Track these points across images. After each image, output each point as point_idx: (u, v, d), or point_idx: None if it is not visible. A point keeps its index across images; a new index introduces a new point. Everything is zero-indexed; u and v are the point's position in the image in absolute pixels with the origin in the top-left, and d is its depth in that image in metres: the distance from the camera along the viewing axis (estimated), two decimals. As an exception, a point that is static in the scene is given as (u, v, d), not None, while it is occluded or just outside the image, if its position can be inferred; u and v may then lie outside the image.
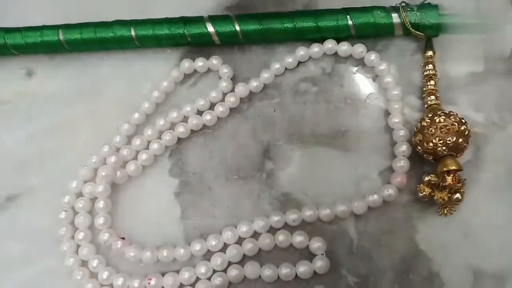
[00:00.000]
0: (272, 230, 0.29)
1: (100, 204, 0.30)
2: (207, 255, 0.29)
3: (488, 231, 0.28)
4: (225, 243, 0.29)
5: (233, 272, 0.28)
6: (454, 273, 0.28)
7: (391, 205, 0.29)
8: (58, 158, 0.32)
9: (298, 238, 0.28)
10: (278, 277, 0.28)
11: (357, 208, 0.29)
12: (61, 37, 0.32)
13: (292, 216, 0.29)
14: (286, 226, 0.29)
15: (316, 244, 0.28)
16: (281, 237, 0.29)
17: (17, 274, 0.30)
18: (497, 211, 0.29)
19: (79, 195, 0.30)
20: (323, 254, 0.28)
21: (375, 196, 0.29)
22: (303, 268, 0.28)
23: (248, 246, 0.28)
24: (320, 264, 0.28)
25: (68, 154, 0.32)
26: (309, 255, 0.28)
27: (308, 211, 0.29)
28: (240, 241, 0.29)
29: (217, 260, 0.28)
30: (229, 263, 0.29)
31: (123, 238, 0.29)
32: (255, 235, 0.29)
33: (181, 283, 0.28)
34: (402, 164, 0.29)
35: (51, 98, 0.33)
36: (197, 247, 0.29)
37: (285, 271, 0.28)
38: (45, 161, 0.32)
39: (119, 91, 0.33)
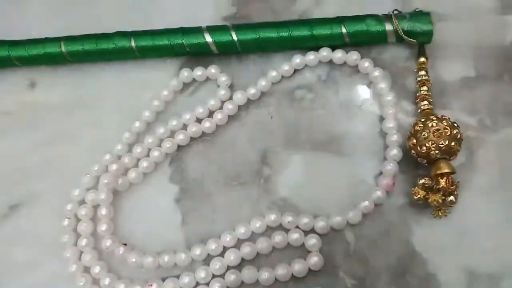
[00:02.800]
0: (269, 231, 0.30)
1: (103, 211, 0.30)
2: (208, 260, 0.29)
3: (482, 232, 0.29)
4: (224, 247, 0.30)
5: (231, 277, 0.29)
6: (449, 274, 0.28)
7: (387, 208, 0.30)
8: (60, 167, 0.32)
9: (295, 236, 0.29)
10: (276, 279, 0.29)
11: (353, 218, 0.29)
12: (63, 49, 0.33)
13: (287, 219, 0.29)
14: (283, 228, 0.30)
15: (312, 241, 0.29)
16: (277, 237, 0.29)
17: (21, 280, 0.30)
18: (490, 213, 0.29)
19: (82, 202, 0.31)
20: (317, 251, 0.29)
21: (366, 203, 0.29)
22: (298, 266, 0.28)
23: (246, 250, 0.29)
24: (314, 260, 0.28)
25: (71, 163, 0.32)
26: (305, 254, 0.29)
27: (305, 219, 0.29)
28: (238, 244, 0.29)
29: (216, 265, 0.29)
30: (228, 267, 0.29)
31: (125, 244, 0.30)
32: (253, 236, 0.30)
33: (181, 288, 0.29)
34: (390, 167, 0.30)
35: (54, 108, 0.34)
36: (197, 251, 0.29)
37: (281, 272, 0.28)
38: (48, 169, 0.32)
39: (120, 101, 0.34)
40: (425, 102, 0.30)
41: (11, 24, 0.36)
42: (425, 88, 0.31)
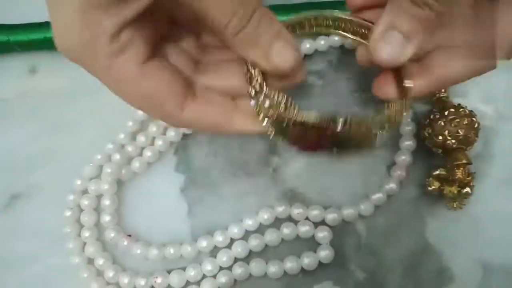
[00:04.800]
0: (277, 223, 0.29)
1: (106, 201, 0.29)
2: (214, 252, 0.29)
3: (498, 225, 0.28)
4: (231, 239, 0.29)
5: (238, 270, 0.28)
6: (463, 267, 0.28)
7: (400, 200, 0.29)
8: (62, 156, 0.31)
9: (304, 228, 0.28)
10: (285, 272, 0.28)
11: (365, 210, 0.28)
12: (64, 33, 0.32)
13: (297, 210, 0.28)
14: (292, 220, 0.29)
15: (322, 233, 0.28)
16: (286, 229, 0.28)
17: (23, 272, 0.30)
18: (506, 204, 0.29)
19: (85, 192, 0.30)
20: (327, 244, 0.28)
21: (379, 194, 0.28)
22: (307, 259, 0.28)
23: (255, 242, 0.28)
24: (324, 253, 0.28)
25: (73, 152, 0.31)
26: (315, 246, 0.28)
27: (315, 210, 0.29)
28: (246, 235, 0.29)
29: (223, 257, 0.28)
30: (235, 260, 0.28)
31: (129, 236, 0.29)
32: (261, 227, 0.29)
33: (187, 281, 0.28)
34: (404, 157, 0.29)
35: (55, 95, 0.33)
36: (203, 243, 0.28)
37: (290, 264, 0.28)
38: (50, 158, 0.32)
39: (123, 87, 0.33)
40: (441, 90, 0.29)
41: (10, 8, 0.35)
42: (440, 75, 0.30)
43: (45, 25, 0.32)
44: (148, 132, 0.31)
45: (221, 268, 0.28)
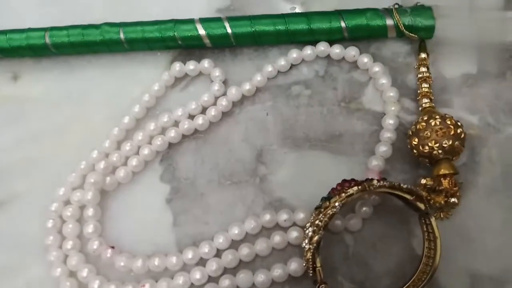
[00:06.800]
0: (264, 232, 0.29)
1: (89, 211, 0.29)
2: (200, 263, 0.28)
3: (485, 234, 0.28)
4: (218, 249, 0.28)
5: (225, 283, 0.27)
6: (451, 277, 0.28)
7: (387, 210, 0.29)
8: (45, 164, 0.31)
9: (294, 234, 0.28)
10: (273, 281, 0.27)
11: (353, 226, 0.28)
12: (48, 40, 0.31)
13: (283, 217, 0.28)
14: (278, 228, 0.29)
15: None
16: (277, 237, 0.28)
17: (3, 284, 0.29)
18: (494, 214, 0.28)
19: (67, 202, 0.29)
20: None
21: (365, 208, 0.28)
22: (294, 266, 0.27)
23: (245, 252, 0.28)
24: None
25: (55, 160, 0.31)
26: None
27: (301, 214, 0.28)
28: (233, 245, 0.28)
29: (212, 266, 0.28)
30: (225, 269, 0.28)
31: (112, 247, 0.28)
32: (248, 237, 0.28)
33: (175, 290, 0.28)
34: (376, 163, 0.29)
35: (38, 102, 0.32)
36: (189, 255, 0.28)
37: (277, 272, 0.27)
38: (32, 167, 0.31)
39: (108, 95, 0.32)
40: (427, 100, 0.29)
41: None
42: (426, 85, 0.30)
43: (28, 32, 0.32)
44: (133, 141, 0.30)
45: (209, 277, 0.28)
